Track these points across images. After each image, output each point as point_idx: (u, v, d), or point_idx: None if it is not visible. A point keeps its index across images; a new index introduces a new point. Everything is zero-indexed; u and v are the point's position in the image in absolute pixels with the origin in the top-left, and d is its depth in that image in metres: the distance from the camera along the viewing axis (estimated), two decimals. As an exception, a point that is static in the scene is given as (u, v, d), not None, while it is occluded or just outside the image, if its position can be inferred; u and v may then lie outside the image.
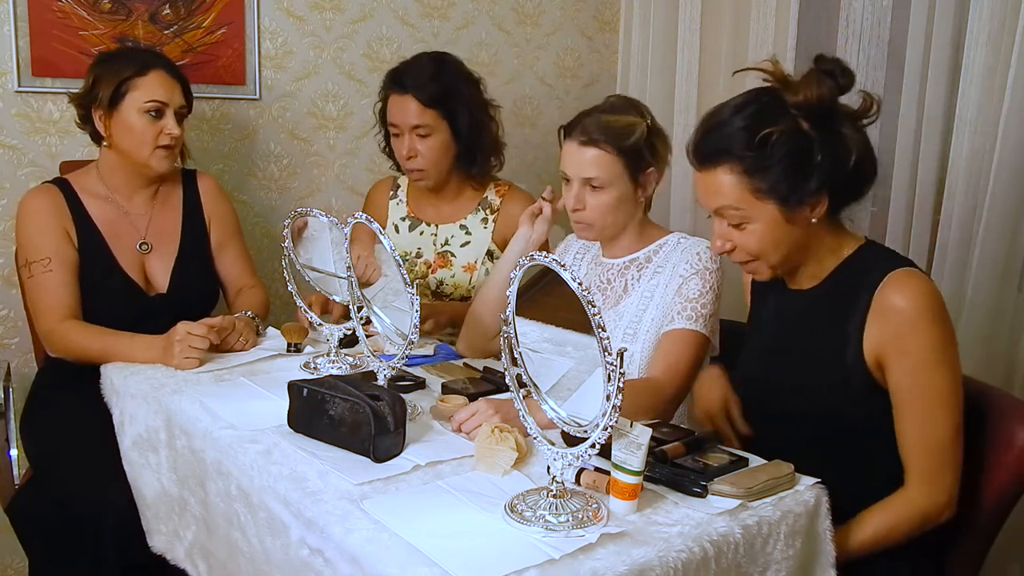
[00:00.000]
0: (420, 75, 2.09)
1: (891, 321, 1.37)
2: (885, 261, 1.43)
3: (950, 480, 1.39)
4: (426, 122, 2.09)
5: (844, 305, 1.42)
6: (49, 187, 1.99)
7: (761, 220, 1.40)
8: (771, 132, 1.35)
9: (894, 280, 1.38)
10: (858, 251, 1.47)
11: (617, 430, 1.17)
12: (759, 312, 1.64)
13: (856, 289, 1.41)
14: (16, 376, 2.16)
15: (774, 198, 1.37)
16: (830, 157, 1.36)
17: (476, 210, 2.24)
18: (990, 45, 2.12)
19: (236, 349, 1.86)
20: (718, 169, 1.39)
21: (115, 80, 1.90)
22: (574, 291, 1.08)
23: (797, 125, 1.36)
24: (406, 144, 2.11)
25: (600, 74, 3.23)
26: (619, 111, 1.72)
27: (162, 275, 2.03)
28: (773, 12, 2.72)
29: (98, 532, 1.66)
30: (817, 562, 1.31)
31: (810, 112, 1.36)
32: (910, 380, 1.37)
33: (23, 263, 1.93)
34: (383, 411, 1.35)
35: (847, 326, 1.41)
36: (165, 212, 2.07)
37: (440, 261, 2.24)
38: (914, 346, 1.36)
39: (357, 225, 1.60)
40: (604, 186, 1.69)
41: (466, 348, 1.93)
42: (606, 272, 1.81)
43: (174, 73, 1.97)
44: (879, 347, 1.38)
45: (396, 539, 1.11)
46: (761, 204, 1.38)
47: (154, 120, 1.92)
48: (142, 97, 1.91)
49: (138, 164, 1.96)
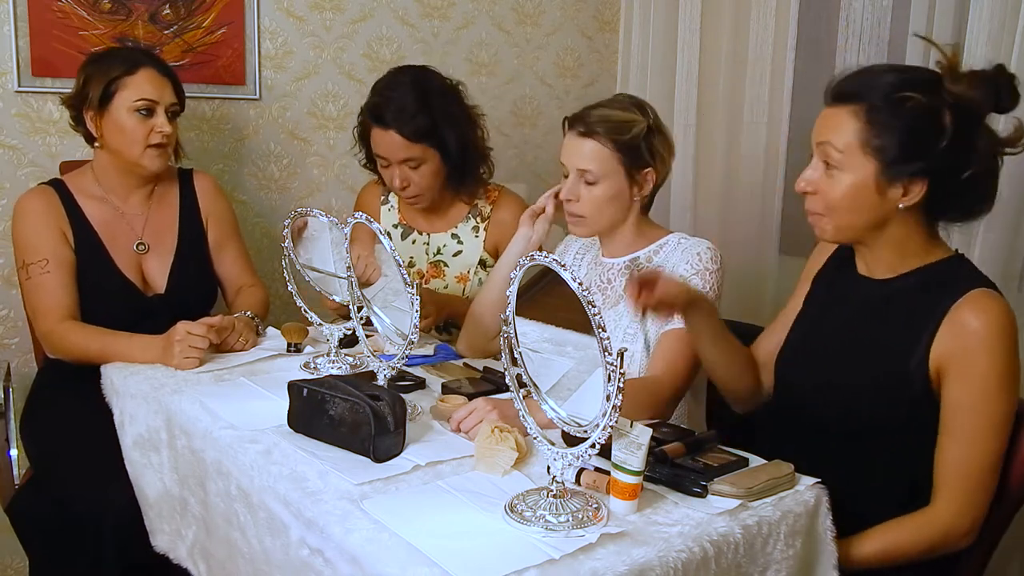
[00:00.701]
0: (403, 109, 1.99)
1: (962, 338, 1.35)
2: (970, 276, 1.41)
3: (979, 508, 1.38)
4: (415, 155, 2.03)
5: (921, 309, 1.40)
6: (45, 188, 1.98)
7: (854, 173, 1.37)
8: (912, 98, 1.33)
9: (973, 298, 1.36)
10: (946, 260, 1.45)
11: (617, 430, 1.17)
12: (820, 292, 1.61)
13: (936, 297, 1.39)
14: (16, 376, 2.16)
15: (878, 158, 1.35)
16: (949, 154, 1.34)
17: (467, 218, 2.22)
18: (990, 45, 2.12)
19: (236, 349, 1.86)
20: (845, 107, 1.38)
21: (104, 80, 1.90)
22: (574, 291, 1.08)
23: (939, 108, 1.33)
24: (397, 175, 2.06)
25: (600, 74, 3.23)
26: (622, 107, 1.72)
27: (160, 275, 2.02)
28: (773, 12, 2.72)
29: (98, 532, 1.66)
30: (818, 562, 1.31)
31: (957, 105, 1.33)
32: (967, 400, 1.35)
33: (20, 265, 1.93)
34: (383, 411, 1.35)
35: (919, 330, 1.39)
36: (161, 212, 2.07)
37: (433, 271, 2.22)
38: (979, 368, 1.34)
39: (357, 225, 1.60)
40: (598, 180, 1.70)
41: (466, 348, 1.93)
42: (606, 272, 1.81)
43: (164, 71, 1.96)
44: (944, 360, 1.36)
45: (396, 539, 1.11)
46: (862, 158, 1.36)
47: (144, 119, 1.91)
48: (131, 96, 1.90)
49: (130, 163, 1.96)
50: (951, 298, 1.37)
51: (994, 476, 1.38)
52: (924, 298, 1.41)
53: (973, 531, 1.38)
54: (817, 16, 2.72)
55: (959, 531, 1.38)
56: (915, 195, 1.37)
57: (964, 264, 1.46)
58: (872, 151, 1.36)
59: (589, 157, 1.69)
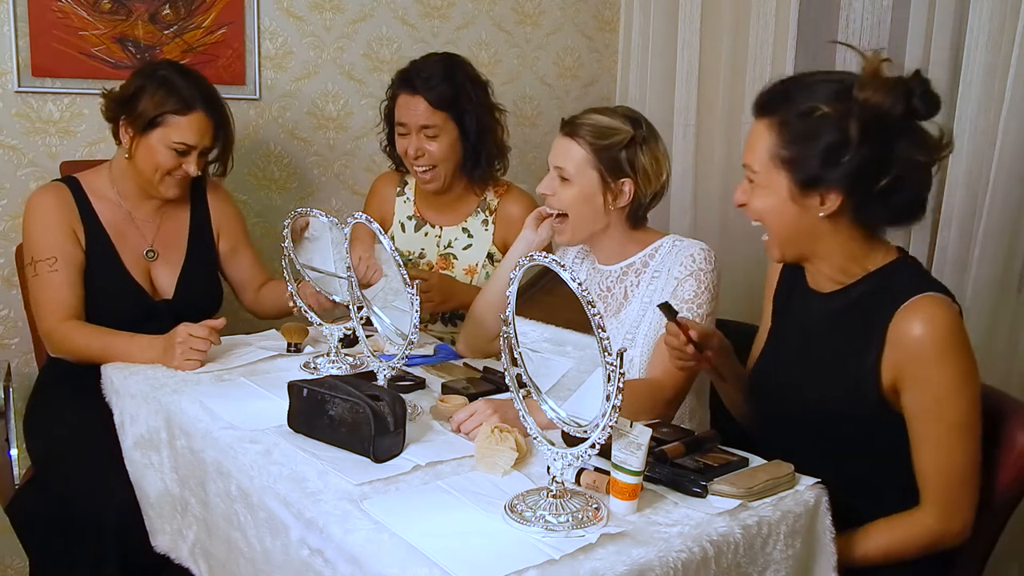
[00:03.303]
0: (431, 76, 2.08)
1: (907, 350, 1.34)
2: (909, 283, 1.38)
3: (966, 508, 1.37)
4: (435, 123, 2.08)
5: (862, 323, 1.40)
6: (58, 185, 1.98)
7: (771, 188, 1.39)
8: (818, 108, 1.33)
9: (914, 307, 1.34)
10: (887, 266, 1.43)
11: (617, 430, 1.17)
12: (780, 310, 1.62)
13: (877, 308, 1.38)
14: (16, 376, 2.15)
15: (788, 171, 1.36)
16: (860, 163, 1.32)
17: (476, 212, 2.24)
18: (990, 46, 2.12)
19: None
20: (764, 120, 1.39)
21: (156, 108, 1.88)
22: (574, 291, 1.08)
23: (845, 118, 1.32)
24: (413, 144, 2.10)
25: (600, 74, 3.23)
26: (612, 115, 1.72)
27: (168, 283, 2.03)
28: (773, 12, 2.72)
29: (99, 532, 1.66)
30: (817, 562, 1.31)
31: (864, 114, 1.31)
32: (925, 410, 1.35)
33: (28, 261, 1.92)
34: (383, 411, 1.35)
35: (866, 345, 1.38)
36: (173, 222, 2.07)
37: (442, 263, 2.24)
38: (930, 377, 1.33)
39: (357, 225, 1.60)
40: (571, 179, 1.71)
41: (466, 348, 1.93)
42: (605, 280, 1.81)
43: (215, 115, 1.95)
44: (895, 372, 1.36)
45: (396, 539, 1.11)
46: (776, 172, 1.37)
47: (177, 156, 1.92)
48: (173, 136, 1.90)
49: (148, 185, 1.97)
50: (891, 308, 1.36)
51: (974, 474, 1.37)
52: (867, 310, 1.40)
53: (965, 530, 1.38)
54: (817, 16, 2.72)
55: (950, 534, 1.38)
56: (833, 204, 1.37)
57: (905, 268, 1.44)
58: (783, 164, 1.37)
59: (566, 156, 1.71)
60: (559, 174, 1.73)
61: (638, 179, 1.71)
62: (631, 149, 1.70)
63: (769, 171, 1.38)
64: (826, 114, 1.33)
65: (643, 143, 1.71)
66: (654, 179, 1.72)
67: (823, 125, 1.33)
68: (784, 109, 1.37)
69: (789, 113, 1.36)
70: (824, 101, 1.33)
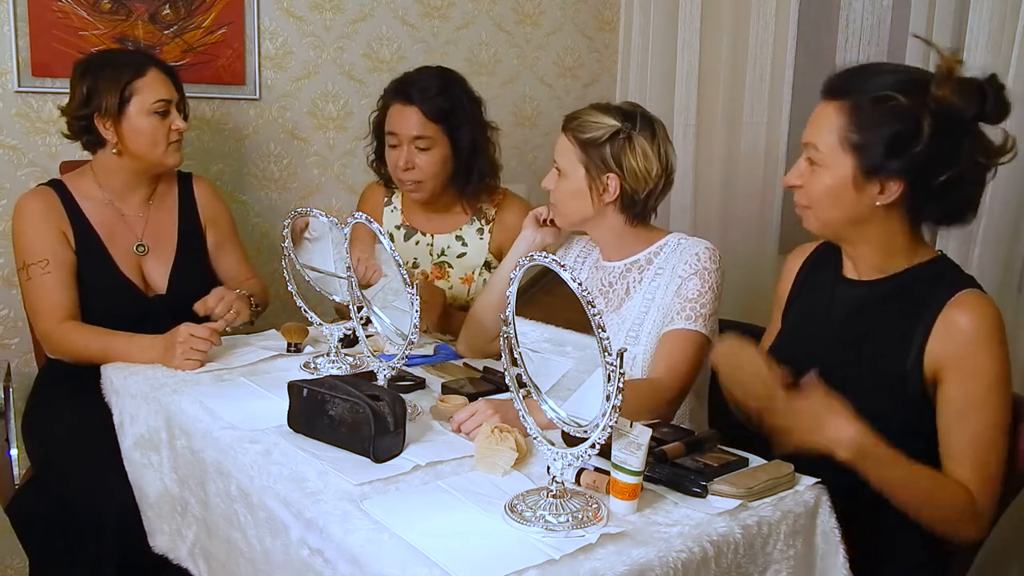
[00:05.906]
0: (427, 87, 2.06)
1: (955, 340, 1.36)
2: (957, 278, 1.43)
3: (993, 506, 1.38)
4: (428, 134, 2.05)
5: (911, 310, 1.41)
6: (45, 189, 1.98)
7: (834, 170, 1.40)
8: (894, 98, 1.35)
9: (964, 299, 1.38)
10: (931, 262, 1.46)
11: (617, 430, 1.17)
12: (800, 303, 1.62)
13: (925, 298, 1.41)
14: (16, 376, 2.16)
15: (856, 155, 1.38)
16: (927, 157, 1.34)
17: (471, 220, 2.22)
18: (990, 46, 2.11)
19: (221, 318, 1.86)
20: (834, 103, 1.40)
21: (116, 86, 1.89)
22: (574, 291, 1.08)
23: (919, 112, 1.34)
24: (404, 155, 2.07)
25: (600, 74, 3.23)
26: (604, 110, 1.73)
27: (160, 277, 2.03)
28: (773, 12, 2.72)
29: (99, 532, 1.66)
30: (819, 562, 1.31)
31: (938, 111, 1.34)
32: (974, 399, 1.36)
33: (20, 266, 1.93)
34: (383, 411, 1.35)
35: (911, 332, 1.40)
36: (161, 215, 2.07)
37: (437, 272, 2.22)
38: (980, 367, 1.36)
39: (357, 225, 1.60)
40: (563, 172, 1.74)
41: (466, 349, 1.93)
42: (607, 276, 1.81)
43: (166, 69, 1.98)
44: (940, 362, 1.38)
45: (396, 539, 1.11)
46: (842, 155, 1.39)
47: (162, 119, 1.93)
48: (148, 99, 1.91)
49: (151, 164, 1.97)
50: (941, 299, 1.39)
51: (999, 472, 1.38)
52: (914, 299, 1.42)
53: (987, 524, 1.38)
54: (817, 16, 2.72)
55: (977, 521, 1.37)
56: (892, 194, 1.39)
57: (949, 265, 1.48)
58: (851, 148, 1.38)
59: (560, 151, 1.76)
60: (556, 168, 1.76)
61: (624, 174, 1.70)
62: (615, 144, 1.69)
63: (836, 153, 1.40)
64: (901, 104, 1.35)
65: (630, 139, 1.69)
66: (642, 175, 1.70)
67: (896, 114, 1.35)
68: (857, 93, 1.38)
69: (862, 98, 1.38)
70: (899, 91, 1.35)
